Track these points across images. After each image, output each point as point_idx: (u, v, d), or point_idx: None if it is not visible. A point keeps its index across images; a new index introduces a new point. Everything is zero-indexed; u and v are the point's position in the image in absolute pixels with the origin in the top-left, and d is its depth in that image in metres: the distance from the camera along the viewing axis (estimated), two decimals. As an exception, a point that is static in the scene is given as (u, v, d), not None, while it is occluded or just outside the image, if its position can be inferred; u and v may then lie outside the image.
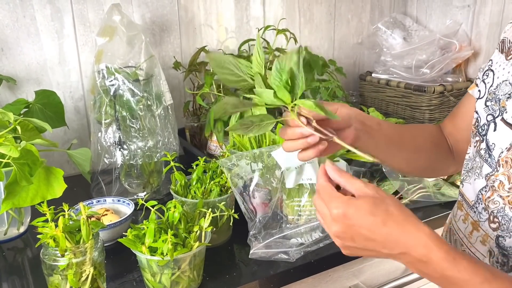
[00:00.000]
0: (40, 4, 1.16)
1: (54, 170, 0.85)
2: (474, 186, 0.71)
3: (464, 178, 0.76)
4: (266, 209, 0.91)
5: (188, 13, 1.37)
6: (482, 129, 0.70)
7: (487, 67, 0.74)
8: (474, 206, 0.71)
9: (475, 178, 0.71)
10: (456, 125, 0.84)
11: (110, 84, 1.05)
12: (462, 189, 0.76)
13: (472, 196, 0.72)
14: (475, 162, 0.72)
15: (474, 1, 1.55)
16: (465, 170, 0.76)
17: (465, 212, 0.74)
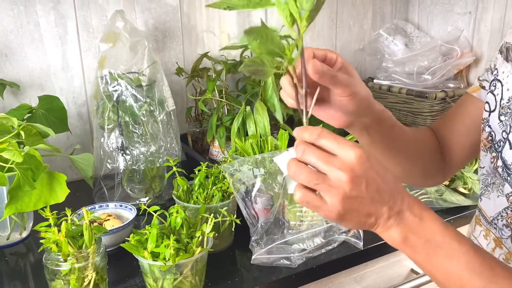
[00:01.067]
0: (44, 11, 1.17)
1: (57, 175, 0.85)
2: (496, 202, 0.68)
3: (482, 193, 0.72)
4: (268, 214, 0.91)
5: (190, 19, 1.38)
6: (498, 145, 0.66)
7: (493, 76, 0.71)
8: (493, 222, 0.69)
9: (498, 195, 0.67)
10: (453, 128, 0.79)
11: (113, 89, 1.06)
12: (480, 204, 0.73)
13: (491, 212, 0.69)
14: (495, 178, 0.68)
15: (475, 8, 1.56)
16: (484, 184, 0.72)
17: (485, 228, 0.72)
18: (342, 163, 0.48)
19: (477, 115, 0.74)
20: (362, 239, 0.93)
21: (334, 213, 0.50)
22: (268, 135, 1.12)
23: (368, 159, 0.49)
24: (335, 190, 0.49)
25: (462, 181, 1.19)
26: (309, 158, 0.50)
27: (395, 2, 1.77)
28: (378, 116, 0.65)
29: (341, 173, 0.48)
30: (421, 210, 0.52)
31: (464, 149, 0.79)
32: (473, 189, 1.17)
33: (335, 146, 0.49)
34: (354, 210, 0.50)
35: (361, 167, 0.48)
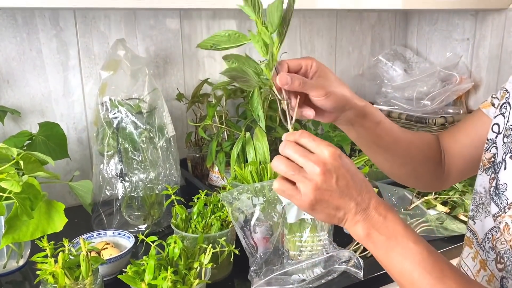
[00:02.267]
0: (46, 38, 1.18)
1: (55, 204, 0.85)
2: (484, 224, 0.69)
3: (474, 215, 0.73)
4: (267, 244, 0.90)
5: (191, 45, 1.39)
6: (497, 166, 0.67)
7: (504, 99, 0.71)
8: (482, 244, 0.70)
9: (486, 216, 0.69)
10: (458, 139, 0.81)
11: (113, 116, 1.06)
12: (473, 226, 0.73)
13: (481, 234, 0.70)
14: (485, 199, 0.70)
15: (473, 35, 1.58)
16: (474, 205, 0.74)
17: (474, 250, 0.72)
18: (316, 158, 0.55)
19: (483, 130, 0.76)
20: (363, 269, 0.92)
21: (306, 202, 0.56)
22: (268, 162, 1.12)
23: (340, 157, 0.56)
24: (308, 181, 0.55)
25: (463, 208, 1.18)
26: (288, 152, 0.57)
27: (393, 28, 1.79)
28: (360, 111, 0.70)
29: (314, 166, 0.55)
30: (386, 211, 0.57)
31: (465, 161, 0.80)
32: (474, 217, 1.16)
33: (312, 144, 0.56)
34: (325, 201, 0.56)
35: (333, 163, 0.55)
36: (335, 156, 0.55)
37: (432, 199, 1.19)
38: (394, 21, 1.78)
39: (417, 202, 1.16)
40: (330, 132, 1.40)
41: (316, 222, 0.88)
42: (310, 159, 0.55)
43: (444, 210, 1.18)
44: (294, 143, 0.57)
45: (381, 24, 1.75)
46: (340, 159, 0.56)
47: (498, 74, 1.53)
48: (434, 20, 1.70)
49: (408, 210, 1.14)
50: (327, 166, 0.55)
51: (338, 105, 0.67)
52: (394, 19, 1.77)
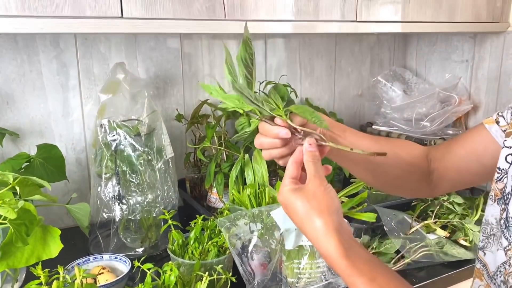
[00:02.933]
0: (47, 60, 1.19)
1: (51, 229, 0.84)
2: (496, 256, 0.68)
3: (484, 246, 0.72)
4: (265, 271, 0.89)
5: (191, 67, 1.40)
6: (507, 197, 0.66)
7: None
8: (493, 278, 0.68)
9: (498, 248, 0.67)
10: (452, 150, 0.80)
11: (111, 139, 1.06)
12: (483, 258, 0.72)
13: (492, 267, 0.69)
14: (496, 230, 0.69)
15: (472, 57, 1.59)
16: (484, 235, 0.72)
17: (485, 283, 0.71)
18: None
19: (480, 144, 0.76)
20: (361, 297, 0.91)
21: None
22: (266, 185, 1.12)
23: (286, 205, 0.62)
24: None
25: (463, 233, 1.17)
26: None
27: (393, 49, 1.80)
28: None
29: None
30: (332, 261, 0.58)
31: (458, 173, 0.80)
32: (474, 241, 1.15)
33: (283, 179, 0.64)
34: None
35: (282, 204, 0.63)
36: (280, 199, 0.63)
37: (432, 223, 1.18)
38: (393, 43, 1.79)
39: (416, 226, 1.15)
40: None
41: (315, 249, 0.87)
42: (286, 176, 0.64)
43: (444, 234, 1.17)
44: (289, 165, 0.65)
45: (380, 45, 1.76)
46: (284, 204, 0.63)
47: (497, 96, 1.53)
48: (433, 42, 1.71)
49: (407, 235, 1.13)
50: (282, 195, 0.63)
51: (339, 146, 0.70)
52: (393, 41, 1.79)
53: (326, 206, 0.60)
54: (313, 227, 0.59)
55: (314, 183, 0.61)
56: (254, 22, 1.02)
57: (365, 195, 0.97)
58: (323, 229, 0.58)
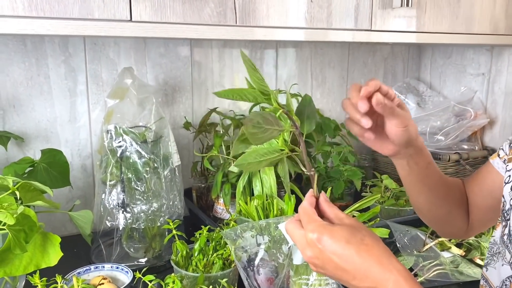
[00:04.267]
0: (55, 64, 1.18)
1: (51, 237, 0.81)
2: (500, 272, 0.68)
3: (488, 262, 0.73)
4: (271, 286, 0.86)
5: (201, 74, 1.38)
6: (507, 213, 0.69)
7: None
8: None
9: (503, 263, 0.68)
10: (472, 188, 0.84)
11: (117, 145, 1.04)
12: (486, 273, 0.73)
13: (496, 282, 0.69)
14: (502, 248, 0.70)
15: (488, 70, 1.55)
16: (490, 253, 0.74)
17: None
18: (305, 244, 0.57)
19: (488, 179, 0.80)
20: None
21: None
22: (275, 196, 1.08)
23: (324, 243, 0.54)
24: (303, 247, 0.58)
25: (479, 251, 1.12)
26: (288, 229, 0.61)
27: (407, 61, 1.76)
28: (419, 149, 0.73)
29: (303, 253, 0.57)
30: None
31: (480, 211, 0.83)
32: (491, 261, 1.10)
33: (304, 223, 0.58)
34: (331, 276, 0.56)
35: (316, 250, 0.55)
36: (314, 242, 0.55)
37: (447, 240, 1.14)
38: (407, 54, 1.75)
39: (430, 243, 1.11)
40: (340, 166, 1.36)
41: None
42: (301, 243, 0.58)
43: (459, 252, 1.12)
44: (305, 207, 0.60)
45: (394, 57, 1.73)
46: (320, 243, 0.55)
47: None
48: (449, 54, 1.67)
49: (421, 252, 1.09)
50: (313, 252, 0.56)
51: (409, 139, 0.69)
52: (407, 52, 1.75)
53: (377, 235, 0.56)
54: (372, 253, 0.53)
55: (350, 219, 0.58)
56: (265, 28, 0.99)
57: (378, 210, 0.93)
58: (384, 253, 0.53)
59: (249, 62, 0.66)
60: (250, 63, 0.66)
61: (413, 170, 0.76)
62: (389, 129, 0.67)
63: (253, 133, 0.61)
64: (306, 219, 0.57)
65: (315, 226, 0.55)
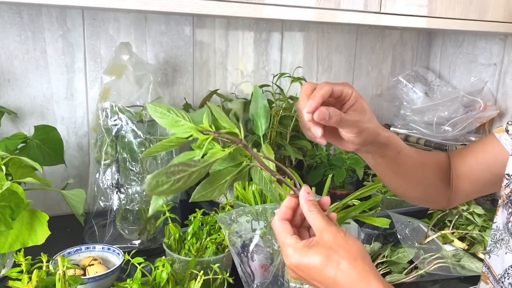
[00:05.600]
0: (52, 38, 1.14)
1: (39, 215, 0.79)
2: (504, 260, 0.67)
3: (491, 249, 0.71)
4: (265, 273, 0.83)
5: (203, 54, 1.34)
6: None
7: None
8: (500, 280, 0.67)
9: (507, 252, 0.66)
10: (465, 161, 0.80)
11: (113, 123, 1.00)
12: (488, 261, 0.71)
13: (499, 270, 0.67)
14: (505, 234, 0.68)
15: (500, 60, 1.49)
16: (492, 240, 0.71)
17: (491, 286, 0.70)
18: (285, 263, 0.55)
19: (491, 154, 0.76)
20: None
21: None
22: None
23: (303, 270, 0.52)
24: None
25: (483, 245, 1.09)
26: None
27: (416, 49, 1.71)
28: (383, 144, 0.69)
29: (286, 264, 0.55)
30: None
31: (470, 183, 0.80)
32: (494, 256, 1.06)
33: (281, 245, 0.55)
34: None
35: (296, 274, 0.54)
36: (293, 267, 0.54)
37: (449, 233, 1.10)
38: (417, 41, 1.70)
39: (432, 236, 1.07)
40: (343, 154, 1.33)
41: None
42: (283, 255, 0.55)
43: (461, 246, 1.09)
44: (278, 226, 0.56)
45: (403, 44, 1.67)
46: (298, 269, 0.53)
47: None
48: (460, 43, 1.62)
49: (422, 244, 1.05)
50: (294, 274, 0.54)
51: (366, 141, 0.65)
52: (417, 39, 1.70)
53: (357, 251, 0.52)
54: (349, 280, 0.51)
55: (330, 232, 0.52)
56: (272, 6, 0.95)
57: (379, 199, 0.90)
58: (362, 277, 0.51)
59: (154, 110, 0.57)
60: (154, 111, 0.57)
61: (379, 162, 0.73)
62: (341, 133, 0.64)
63: (164, 190, 0.51)
64: (281, 241, 0.55)
65: (291, 251, 0.53)
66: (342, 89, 0.61)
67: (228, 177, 0.56)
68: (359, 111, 0.62)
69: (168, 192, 0.50)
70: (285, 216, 0.56)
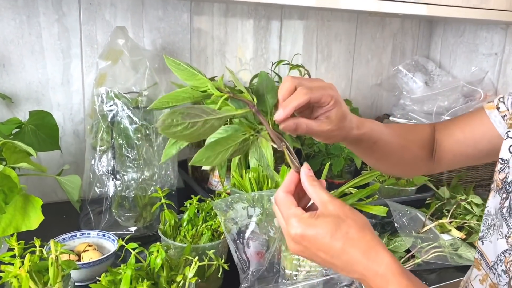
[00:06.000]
0: (48, 22, 1.12)
1: (33, 199, 0.78)
2: (496, 246, 0.66)
3: (484, 236, 0.71)
4: (261, 260, 0.82)
5: (201, 41, 1.32)
6: (509, 186, 0.65)
7: None
8: (493, 267, 0.66)
9: (498, 237, 0.66)
10: (452, 134, 0.80)
11: (108, 109, 0.99)
12: (481, 247, 0.71)
13: (492, 256, 0.67)
14: (497, 220, 0.67)
15: (501, 50, 1.48)
16: (485, 226, 0.71)
17: (483, 273, 0.69)
18: (288, 237, 0.53)
19: (479, 130, 0.76)
20: (365, 296, 0.83)
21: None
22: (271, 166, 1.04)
23: (309, 239, 0.51)
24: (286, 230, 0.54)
25: (480, 235, 1.08)
26: (276, 213, 0.56)
27: (416, 38, 1.70)
28: (354, 141, 0.69)
29: (288, 243, 0.54)
30: (385, 283, 0.50)
31: (454, 156, 0.80)
32: (492, 246, 1.06)
33: (285, 217, 0.54)
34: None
35: (301, 246, 0.52)
36: (298, 238, 0.52)
37: (447, 223, 1.10)
38: (418, 30, 1.68)
39: (430, 225, 1.07)
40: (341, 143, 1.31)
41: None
42: (285, 233, 0.54)
43: (459, 235, 1.08)
44: (282, 198, 0.55)
45: (403, 32, 1.66)
46: (304, 240, 0.52)
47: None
48: (461, 32, 1.60)
49: (419, 233, 1.05)
50: (298, 248, 0.53)
51: (335, 141, 0.67)
52: (417, 28, 1.68)
53: (363, 222, 0.51)
54: (358, 248, 0.50)
55: (335, 204, 0.52)
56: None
57: (377, 187, 0.89)
58: (371, 246, 0.50)
59: (172, 62, 0.57)
60: (172, 62, 0.57)
61: (353, 148, 0.74)
62: None
63: (176, 131, 0.50)
64: (286, 212, 0.53)
65: (296, 222, 0.52)
66: (320, 97, 0.59)
67: (232, 144, 0.56)
68: (334, 118, 0.61)
69: (180, 136, 0.50)
70: (289, 189, 0.56)
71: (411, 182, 1.23)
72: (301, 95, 0.56)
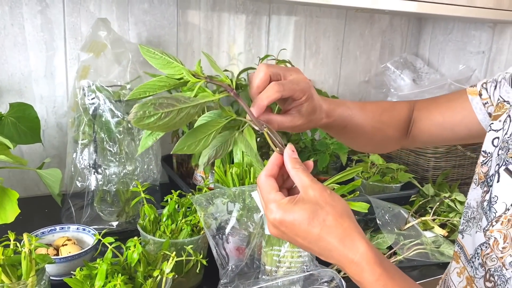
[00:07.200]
0: (30, 14, 1.11)
1: (9, 192, 0.76)
2: (474, 239, 0.66)
3: (464, 229, 0.70)
4: (241, 256, 0.82)
5: (187, 35, 1.31)
6: (490, 179, 0.64)
7: (505, 114, 0.67)
8: (471, 261, 0.66)
9: (477, 231, 0.66)
10: (431, 116, 0.80)
11: (90, 102, 0.98)
12: (461, 241, 0.70)
13: (470, 249, 0.67)
14: (477, 213, 0.67)
15: (489, 48, 1.48)
16: (465, 219, 0.71)
17: (461, 265, 0.69)
18: (268, 220, 0.53)
19: (459, 114, 0.76)
20: (345, 292, 0.83)
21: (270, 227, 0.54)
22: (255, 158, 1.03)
23: (287, 225, 0.51)
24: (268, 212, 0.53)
25: (463, 233, 1.08)
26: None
27: (405, 35, 1.69)
28: (323, 127, 0.70)
29: (268, 225, 0.54)
30: (360, 271, 0.50)
31: (430, 137, 0.81)
32: (474, 243, 1.06)
33: (265, 201, 0.53)
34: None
35: (279, 230, 0.52)
36: (276, 223, 0.52)
37: (430, 220, 1.10)
38: (407, 28, 1.68)
39: (413, 222, 1.07)
40: (328, 139, 1.31)
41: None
42: (265, 214, 0.53)
43: (441, 233, 1.08)
44: (263, 182, 0.54)
45: (392, 30, 1.66)
46: (282, 225, 0.51)
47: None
48: (449, 30, 1.60)
49: (402, 230, 1.05)
50: (277, 232, 0.53)
51: (303, 130, 0.67)
52: (406, 26, 1.68)
53: (342, 209, 0.51)
54: (334, 236, 0.50)
55: (315, 189, 0.51)
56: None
57: (359, 183, 0.89)
58: (347, 234, 0.50)
59: (147, 51, 0.56)
60: (147, 51, 0.56)
61: (325, 131, 0.75)
62: None
63: (150, 123, 0.48)
64: (266, 197, 0.53)
65: (275, 207, 0.51)
66: (292, 94, 0.59)
67: (214, 129, 0.55)
68: (305, 112, 0.62)
69: (154, 127, 0.49)
70: (271, 173, 0.55)
71: (396, 179, 1.23)
72: (273, 92, 0.56)
